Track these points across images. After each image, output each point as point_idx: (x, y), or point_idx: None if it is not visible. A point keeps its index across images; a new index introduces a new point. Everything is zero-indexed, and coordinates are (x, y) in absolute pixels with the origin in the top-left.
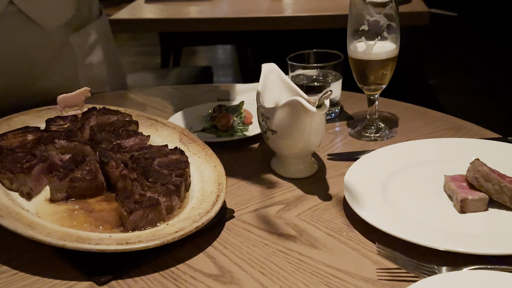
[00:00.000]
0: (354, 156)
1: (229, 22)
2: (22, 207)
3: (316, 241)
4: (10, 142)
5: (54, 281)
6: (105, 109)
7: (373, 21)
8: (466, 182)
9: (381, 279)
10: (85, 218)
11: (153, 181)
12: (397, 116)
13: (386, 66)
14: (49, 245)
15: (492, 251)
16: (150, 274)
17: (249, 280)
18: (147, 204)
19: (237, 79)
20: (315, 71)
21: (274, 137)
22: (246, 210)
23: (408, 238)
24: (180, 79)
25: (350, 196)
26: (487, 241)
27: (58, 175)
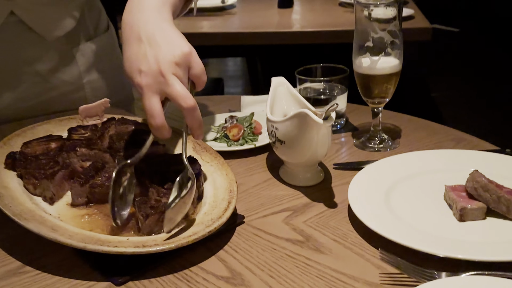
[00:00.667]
0: (359, 166)
1: (240, 36)
2: (45, 211)
3: (322, 246)
4: (34, 150)
5: (75, 281)
6: (124, 119)
7: (377, 37)
8: (466, 192)
9: (384, 283)
10: (104, 222)
11: (168, 187)
12: (400, 128)
13: (389, 81)
14: (70, 247)
15: (490, 258)
16: (165, 275)
17: (259, 282)
18: (163, 210)
19: (247, 91)
20: (322, 84)
21: (283, 147)
22: (256, 216)
23: (409, 245)
24: None
25: (354, 204)
26: (485, 248)
27: (79, 181)
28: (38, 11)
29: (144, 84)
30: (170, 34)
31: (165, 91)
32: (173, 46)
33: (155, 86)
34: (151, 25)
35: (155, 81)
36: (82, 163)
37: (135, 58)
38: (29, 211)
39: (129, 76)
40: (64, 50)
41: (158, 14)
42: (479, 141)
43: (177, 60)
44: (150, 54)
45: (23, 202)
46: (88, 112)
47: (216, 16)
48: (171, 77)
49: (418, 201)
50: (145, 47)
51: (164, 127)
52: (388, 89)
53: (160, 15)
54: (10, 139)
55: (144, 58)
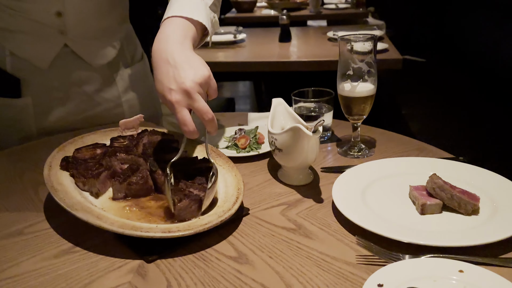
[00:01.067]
0: (341, 170)
1: (248, 64)
2: (92, 203)
3: (311, 233)
4: (84, 155)
5: (114, 259)
6: (154, 130)
7: (357, 67)
8: (426, 191)
9: (359, 263)
10: (138, 212)
11: (191, 181)
12: (375, 139)
13: (366, 102)
14: (111, 232)
15: (444, 244)
16: (186, 255)
17: (260, 261)
18: (192, 198)
19: (253, 108)
20: (313, 104)
21: (281, 154)
22: (258, 209)
23: (380, 233)
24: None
25: (337, 200)
26: (440, 236)
27: (118, 180)
28: (86, 44)
29: (175, 100)
30: (192, 60)
31: (192, 105)
32: (196, 70)
33: (184, 102)
34: (177, 53)
35: (183, 98)
36: (121, 165)
37: (166, 79)
38: (79, 203)
39: (161, 94)
40: (106, 74)
41: (181, 44)
42: (438, 150)
43: (200, 81)
44: (177, 76)
45: (74, 196)
46: (126, 125)
47: (229, 48)
48: (196, 95)
49: (388, 198)
50: (173, 70)
51: (194, 131)
52: (365, 108)
53: (183, 45)
54: (65, 146)
55: (173, 79)
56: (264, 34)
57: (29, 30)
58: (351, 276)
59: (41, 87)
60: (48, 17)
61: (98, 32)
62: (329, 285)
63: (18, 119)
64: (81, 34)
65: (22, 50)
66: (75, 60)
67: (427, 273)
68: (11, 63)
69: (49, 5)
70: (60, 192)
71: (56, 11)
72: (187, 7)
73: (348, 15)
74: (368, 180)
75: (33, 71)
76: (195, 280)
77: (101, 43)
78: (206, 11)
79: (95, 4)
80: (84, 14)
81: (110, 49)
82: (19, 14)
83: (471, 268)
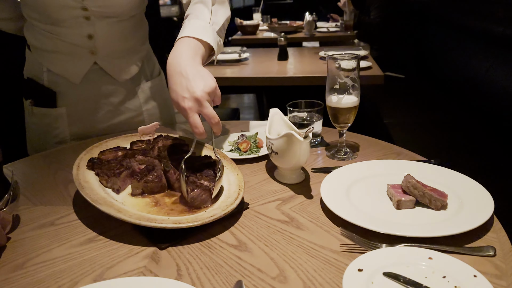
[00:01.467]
0: (329, 170)
1: (251, 79)
2: (113, 198)
3: (302, 225)
4: (107, 156)
5: (132, 246)
6: (168, 136)
7: (343, 82)
8: (401, 189)
9: (343, 251)
10: (153, 207)
11: (200, 174)
12: (358, 144)
13: (351, 112)
14: (129, 223)
15: (416, 235)
16: (193, 243)
17: (257, 249)
18: (203, 188)
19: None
20: (305, 113)
21: (276, 156)
22: (257, 204)
23: (361, 225)
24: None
25: (325, 196)
26: (413, 228)
27: (137, 178)
28: (113, 62)
29: (187, 107)
30: (202, 72)
31: (202, 111)
32: (205, 81)
33: (195, 108)
34: (189, 66)
35: (194, 105)
36: (139, 166)
37: (180, 89)
38: (102, 198)
39: (176, 101)
40: (129, 88)
41: (193, 60)
42: (413, 154)
43: (208, 90)
44: (190, 86)
45: (98, 192)
46: (144, 131)
47: (235, 65)
48: (205, 102)
49: (368, 194)
50: (186, 81)
51: (203, 133)
52: (350, 118)
53: (194, 61)
54: (91, 149)
55: (186, 89)
56: (265, 54)
57: (64, 50)
58: (335, 262)
59: (73, 99)
60: (80, 39)
61: (123, 52)
62: (317, 270)
63: (54, 126)
64: (109, 53)
65: (58, 67)
66: (103, 76)
67: (401, 260)
68: (47, 78)
69: (82, 29)
70: (87, 189)
71: (88, 34)
72: (198, 30)
73: (338, 37)
74: (352, 179)
75: (67, 85)
76: (201, 265)
77: (125, 61)
78: (213, 34)
79: (120, 28)
80: (111, 36)
81: (133, 66)
82: (55, 37)
83: (439, 256)
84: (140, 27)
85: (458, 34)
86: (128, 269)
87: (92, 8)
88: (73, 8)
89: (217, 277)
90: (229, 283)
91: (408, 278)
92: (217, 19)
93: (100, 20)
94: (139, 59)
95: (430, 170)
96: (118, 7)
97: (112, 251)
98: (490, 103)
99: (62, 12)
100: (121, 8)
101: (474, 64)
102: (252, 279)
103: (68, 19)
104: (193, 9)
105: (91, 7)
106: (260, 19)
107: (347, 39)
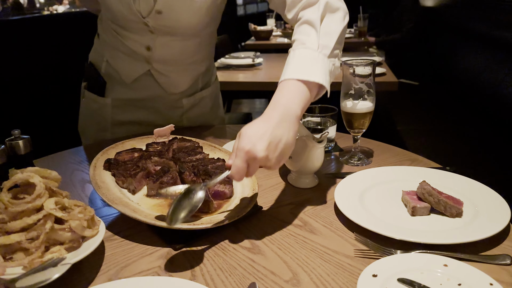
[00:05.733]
0: (343, 175)
1: (264, 84)
2: (129, 199)
3: (315, 229)
4: (124, 157)
5: (147, 246)
6: (183, 138)
7: (358, 87)
8: (416, 196)
9: (357, 256)
10: (168, 207)
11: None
12: (372, 150)
13: (365, 117)
14: (145, 223)
15: (431, 241)
16: (207, 245)
17: (270, 252)
18: None
19: None
20: (319, 118)
21: (290, 161)
22: (270, 207)
23: (376, 230)
24: (230, 120)
25: (339, 201)
26: (428, 235)
27: (152, 179)
28: (166, 75)
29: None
30: (285, 147)
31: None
32: (281, 156)
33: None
34: (260, 125)
35: (250, 158)
36: (155, 167)
37: (255, 133)
38: (118, 198)
39: (241, 136)
40: (176, 98)
41: (294, 125)
42: (428, 161)
43: (271, 165)
44: (264, 141)
45: (114, 192)
46: (160, 133)
47: (248, 70)
48: (258, 164)
49: (383, 200)
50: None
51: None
52: (365, 123)
53: (295, 127)
54: (108, 150)
55: (260, 139)
56: (278, 59)
57: (124, 51)
58: (349, 267)
59: (120, 95)
60: (139, 48)
61: (180, 67)
62: (330, 274)
63: (99, 113)
64: (164, 67)
65: (116, 62)
66: (153, 83)
67: (415, 266)
68: (105, 68)
69: (142, 40)
70: (103, 189)
71: (147, 45)
72: (304, 66)
73: (352, 44)
74: (366, 185)
75: (118, 81)
76: (215, 266)
77: (179, 76)
78: (323, 65)
79: (181, 46)
80: (169, 53)
81: (186, 81)
82: (120, 38)
83: (454, 263)
84: (204, 46)
85: (473, 41)
86: (143, 268)
87: (153, 25)
88: (136, 22)
89: (231, 279)
90: (242, 285)
91: (423, 284)
92: (327, 42)
93: (162, 36)
94: (194, 76)
95: (446, 177)
96: (181, 28)
97: (127, 250)
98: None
99: (127, 23)
100: (183, 29)
101: (489, 71)
102: (265, 282)
103: (133, 27)
104: (299, 32)
105: (152, 24)
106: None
107: (361, 45)
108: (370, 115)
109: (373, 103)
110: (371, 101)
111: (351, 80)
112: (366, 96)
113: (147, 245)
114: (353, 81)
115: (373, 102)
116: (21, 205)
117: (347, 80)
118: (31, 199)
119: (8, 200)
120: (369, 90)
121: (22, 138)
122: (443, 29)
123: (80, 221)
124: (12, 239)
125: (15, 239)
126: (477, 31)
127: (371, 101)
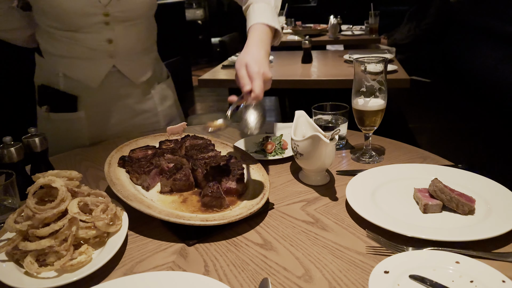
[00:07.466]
0: (354, 173)
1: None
2: (143, 195)
3: (327, 226)
4: (137, 155)
5: (161, 242)
6: (195, 136)
7: (369, 85)
8: (428, 193)
9: (368, 253)
10: (181, 204)
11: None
12: (384, 148)
13: (377, 115)
14: (159, 219)
15: (443, 238)
16: (220, 241)
17: (282, 248)
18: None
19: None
20: (330, 116)
21: (302, 158)
22: (282, 204)
23: (387, 227)
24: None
25: (350, 198)
26: (440, 232)
27: (165, 176)
28: (130, 65)
29: (256, 71)
30: (263, 61)
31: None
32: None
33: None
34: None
35: (249, 75)
36: (168, 164)
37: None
38: (133, 195)
39: (237, 67)
40: (145, 89)
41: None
42: (440, 158)
43: (265, 77)
44: (262, 63)
45: (129, 189)
46: (172, 131)
47: None
48: (269, 83)
49: (394, 198)
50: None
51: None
52: (376, 121)
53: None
54: (122, 147)
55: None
56: (289, 56)
57: (82, 56)
58: (361, 263)
59: (92, 102)
60: (100, 44)
61: (139, 53)
62: (342, 270)
63: (73, 130)
64: (127, 56)
65: (75, 72)
66: (121, 78)
67: (427, 263)
68: (64, 83)
69: (101, 34)
70: (118, 186)
71: (107, 38)
72: (267, 15)
73: (363, 41)
74: (377, 182)
75: (84, 89)
76: (227, 262)
77: (141, 62)
78: (277, 18)
79: (137, 30)
80: (129, 39)
81: (148, 67)
82: (74, 43)
83: (467, 260)
84: (152, 28)
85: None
86: (157, 263)
87: (114, 13)
88: (95, 15)
89: (243, 274)
90: (255, 281)
91: (434, 281)
92: (277, 3)
93: (118, 24)
94: (152, 60)
95: (458, 174)
96: (137, 10)
97: (141, 246)
98: None
99: (83, 19)
100: (139, 11)
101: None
102: (277, 277)
103: (88, 25)
104: None
105: (113, 12)
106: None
107: (371, 42)
108: (381, 113)
109: (384, 100)
110: (383, 99)
111: (363, 78)
112: (377, 93)
113: (161, 240)
114: (365, 79)
115: (384, 100)
116: (47, 212)
117: (359, 78)
118: (55, 204)
119: (34, 206)
120: (381, 87)
121: (38, 136)
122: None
123: (103, 221)
124: (43, 244)
125: (46, 244)
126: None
127: (382, 98)
